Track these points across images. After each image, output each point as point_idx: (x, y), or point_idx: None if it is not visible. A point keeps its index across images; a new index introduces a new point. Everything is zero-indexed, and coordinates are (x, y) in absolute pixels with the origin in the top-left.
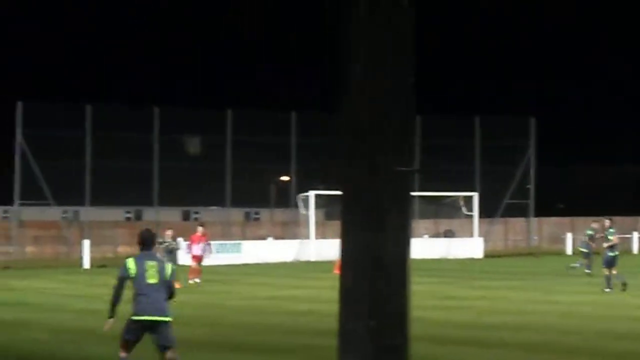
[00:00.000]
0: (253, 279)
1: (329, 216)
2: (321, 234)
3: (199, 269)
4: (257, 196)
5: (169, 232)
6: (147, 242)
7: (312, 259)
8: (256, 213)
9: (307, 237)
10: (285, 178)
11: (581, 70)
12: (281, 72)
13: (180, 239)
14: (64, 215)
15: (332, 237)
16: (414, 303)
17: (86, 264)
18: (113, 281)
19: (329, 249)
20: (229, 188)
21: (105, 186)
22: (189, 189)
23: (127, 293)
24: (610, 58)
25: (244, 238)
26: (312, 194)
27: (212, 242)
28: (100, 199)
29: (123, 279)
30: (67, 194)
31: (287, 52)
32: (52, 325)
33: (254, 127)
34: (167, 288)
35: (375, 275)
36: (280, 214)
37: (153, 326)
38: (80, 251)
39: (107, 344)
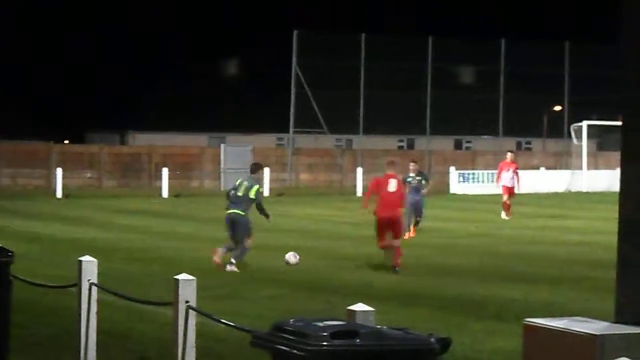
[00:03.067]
0: (524, 209)
1: (601, 147)
2: (593, 165)
3: (509, 204)
4: (530, 126)
5: (412, 166)
6: (250, 169)
7: (584, 190)
8: (528, 143)
9: (579, 167)
10: (557, 108)
11: None
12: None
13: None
14: (337, 144)
15: (604, 168)
16: None
17: (359, 191)
18: None
19: (601, 180)
20: (501, 117)
21: (379, 115)
22: (461, 118)
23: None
24: None
25: None
26: (585, 124)
27: (484, 172)
28: (373, 127)
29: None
30: (341, 122)
31: None
32: (328, 251)
33: (526, 57)
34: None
35: None
36: (552, 144)
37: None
38: (354, 179)
39: (385, 269)
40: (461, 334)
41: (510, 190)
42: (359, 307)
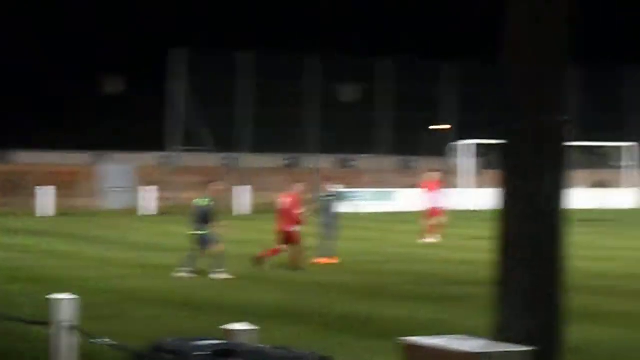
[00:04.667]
0: (410, 227)
1: (486, 165)
2: (478, 183)
3: (442, 224)
4: (413, 144)
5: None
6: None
7: (470, 208)
8: (411, 161)
9: (464, 186)
10: (440, 127)
11: None
12: (441, 20)
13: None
14: (223, 162)
15: (489, 186)
16: (571, 253)
17: (245, 210)
18: (269, 227)
19: (486, 198)
20: (385, 136)
21: (265, 133)
22: (345, 136)
23: None
24: None
25: (398, 186)
26: (468, 142)
27: (368, 190)
28: (260, 146)
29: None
30: (227, 140)
31: None
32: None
33: (411, 75)
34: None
35: (532, 223)
36: (436, 162)
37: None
38: (239, 197)
39: (272, 286)
40: (344, 353)
41: (435, 212)
42: (240, 326)
